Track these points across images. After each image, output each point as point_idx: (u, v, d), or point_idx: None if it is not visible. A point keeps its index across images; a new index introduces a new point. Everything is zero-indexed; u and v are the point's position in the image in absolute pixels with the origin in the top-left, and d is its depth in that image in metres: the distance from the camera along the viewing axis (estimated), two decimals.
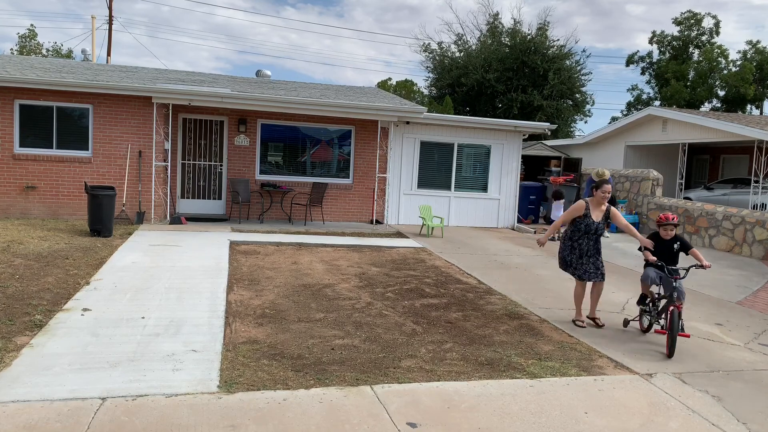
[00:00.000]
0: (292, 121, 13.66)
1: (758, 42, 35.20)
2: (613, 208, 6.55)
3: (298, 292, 7.27)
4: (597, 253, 6.62)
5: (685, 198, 17.75)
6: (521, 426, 4.09)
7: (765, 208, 15.24)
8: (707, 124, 16.14)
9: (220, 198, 13.60)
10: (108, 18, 26.93)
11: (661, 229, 6.21)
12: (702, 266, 5.92)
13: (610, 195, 6.47)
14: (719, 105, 35.34)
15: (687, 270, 5.97)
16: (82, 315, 5.84)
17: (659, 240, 6.24)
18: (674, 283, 5.92)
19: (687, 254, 6.17)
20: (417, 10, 79.70)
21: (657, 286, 6.24)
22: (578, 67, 29.73)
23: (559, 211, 14.36)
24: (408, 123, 14.28)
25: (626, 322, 6.63)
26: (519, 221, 15.59)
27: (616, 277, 9.54)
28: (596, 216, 6.49)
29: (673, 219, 6.16)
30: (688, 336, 5.92)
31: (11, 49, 35.25)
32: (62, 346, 4.98)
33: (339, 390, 4.46)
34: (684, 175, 18.59)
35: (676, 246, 6.18)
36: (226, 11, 75.25)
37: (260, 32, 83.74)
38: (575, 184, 16.69)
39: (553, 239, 13.62)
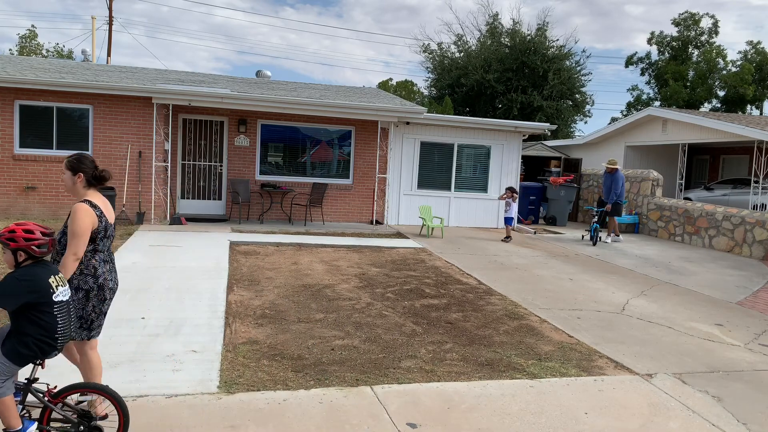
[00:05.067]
0: (292, 121, 13.66)
1: (759, 42, 35.29)
2: (77, 206, 3.53)
3: (298, 293, 7.27)
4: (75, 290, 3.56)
5: (685, 198, 17.76)
6: (521, 426, 4.09)
7: (765, 209, 15.24)
8: (707, 125, 16.15)
9: (220, 198, 13.60)
10: (108, 18, 26.96)
11: None
12: None
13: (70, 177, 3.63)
14: (719, 105, 35.35)
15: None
16: None
17: None
18: None
19: None
20: (416, 10, 79.76)
21: None
22: (578, 68, 29.75)
23: (511, 210, 13.13)
24: (408, 123, 14.28)
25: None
26: (519, 221, 15.59)
27: (616, 277, 9.54)
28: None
29: None
30: None
31: (10, 49, 35.28)
32: None
33: (339, 390, 4.46)
34: (684, 175, 18.60)
35: None
36: (225, 11, 75.29)
37: (259, 32, 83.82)
38: (575, 185, 16.69)
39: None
